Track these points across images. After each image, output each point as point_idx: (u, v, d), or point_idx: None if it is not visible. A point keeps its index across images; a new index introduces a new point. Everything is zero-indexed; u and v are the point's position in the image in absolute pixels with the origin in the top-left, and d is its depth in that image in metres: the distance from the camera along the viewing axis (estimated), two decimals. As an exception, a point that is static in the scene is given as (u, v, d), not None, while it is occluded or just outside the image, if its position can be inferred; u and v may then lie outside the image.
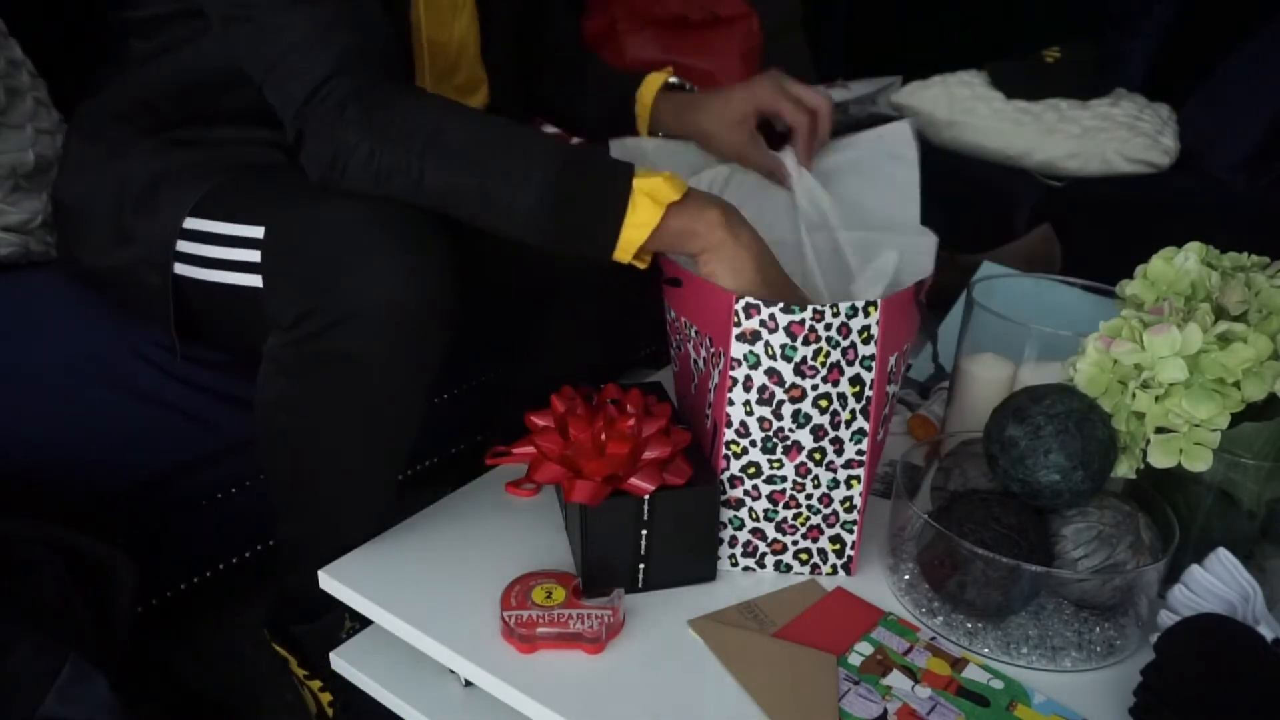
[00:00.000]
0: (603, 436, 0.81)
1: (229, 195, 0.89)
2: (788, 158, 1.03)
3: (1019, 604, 0.77)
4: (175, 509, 1.05)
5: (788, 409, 0.79)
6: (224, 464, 1.06)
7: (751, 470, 0.81)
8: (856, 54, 2.27)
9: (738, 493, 0.82)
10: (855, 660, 0.75)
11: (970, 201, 1.76)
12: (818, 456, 0.81)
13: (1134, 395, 0.78)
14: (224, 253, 0.87)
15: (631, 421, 0.81)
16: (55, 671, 0.77)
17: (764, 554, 0.85)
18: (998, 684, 0.74)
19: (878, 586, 0.84)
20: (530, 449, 0.82)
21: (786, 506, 0.83)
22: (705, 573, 0.84)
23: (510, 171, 0.77)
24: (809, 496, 0.83)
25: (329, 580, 0.83)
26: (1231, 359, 0.75)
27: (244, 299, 0.85)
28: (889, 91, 2.00)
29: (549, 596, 0.78)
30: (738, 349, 0.78)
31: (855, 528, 0.84)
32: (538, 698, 0.71)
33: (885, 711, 0.70)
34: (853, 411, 0.80)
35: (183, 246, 0.89)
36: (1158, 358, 0.77)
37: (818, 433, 0.80)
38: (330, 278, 0.75)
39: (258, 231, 0.83)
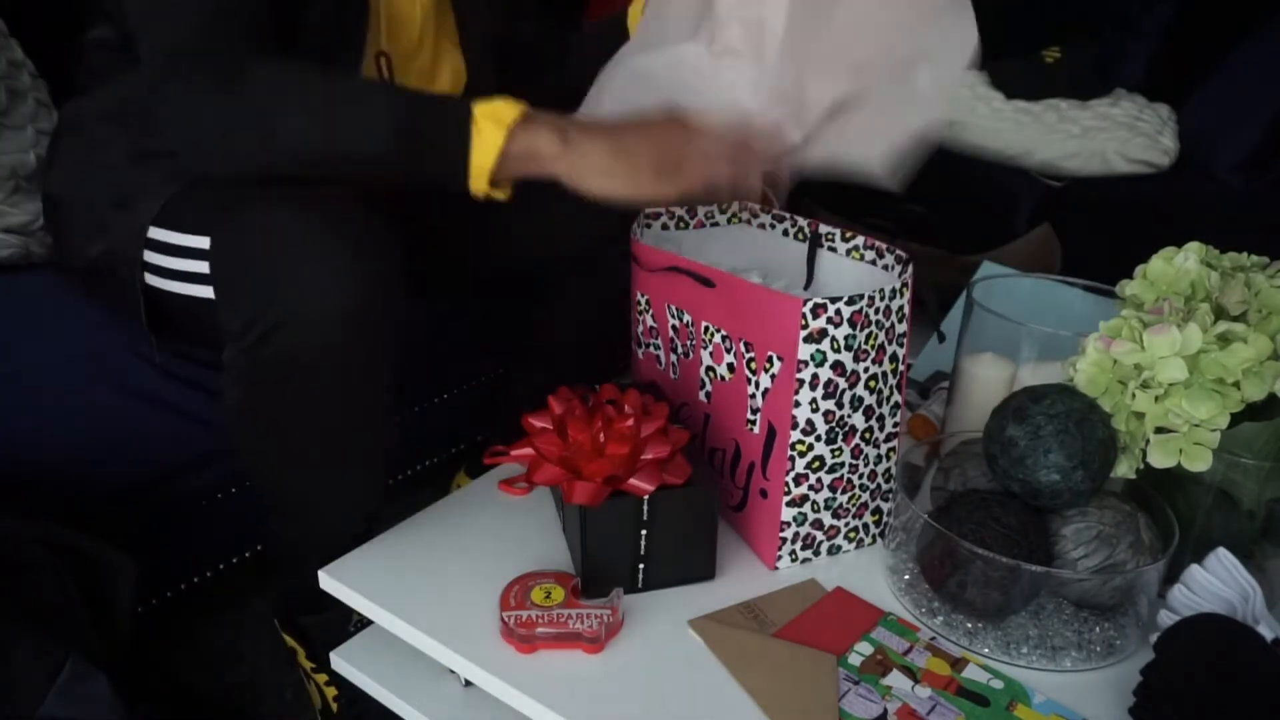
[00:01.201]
0: (601, 437, 0.81)
1: (186, 204, 0.88)
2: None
3: (1019, 604, 0.77)
4: (175, 509, 1.05)
5: (847, 396, 0.81)
6: (224, 464, 1.06)
7: (816, 464, 0.83)
8: (856, 54, 2.27)
9: (802, 489, 0.83)
10: (855, 660, 0.75)
11: (970, 201, 1.76)
12: (868, 435, 0.84)
13: (1134, 395, 0.78)
14: (181, 264, 0.87)
15: (630, 422, 0.81)
16: (55, 671, 0.77)
17: (820, 543, 0.87)
18: (998, 684, 0.74)
19: (878, 586, 0.84)
20: (529, 451, 0.82)
21: (844, 491, 0.85)
22: (705, 571, 0.84)
23: (356, 113, 0.79)
24: (860, 475, 0.85)
25: (329, 580, 0.83)
26: (1231, 359, 0.75)
27: (205, 310, 0.85)
28: (889, 91, 2.00)
29: (548, 596, 0.78)
30: (805, 350, 0.79)
31: (891, 495, 0.87)
32: (537, 698, 0.71)
33: (885, 711, 0.70)
34: (891, 387, 0.84)
35: (150, 257, 0.89)
36: (1158, 358, 0.77)
37: (869, 413, 0.83)
38: (270, 284, 0.75)
39: (204, 242, 0.84)
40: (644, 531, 0.79)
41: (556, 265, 1.07)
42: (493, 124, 0.78)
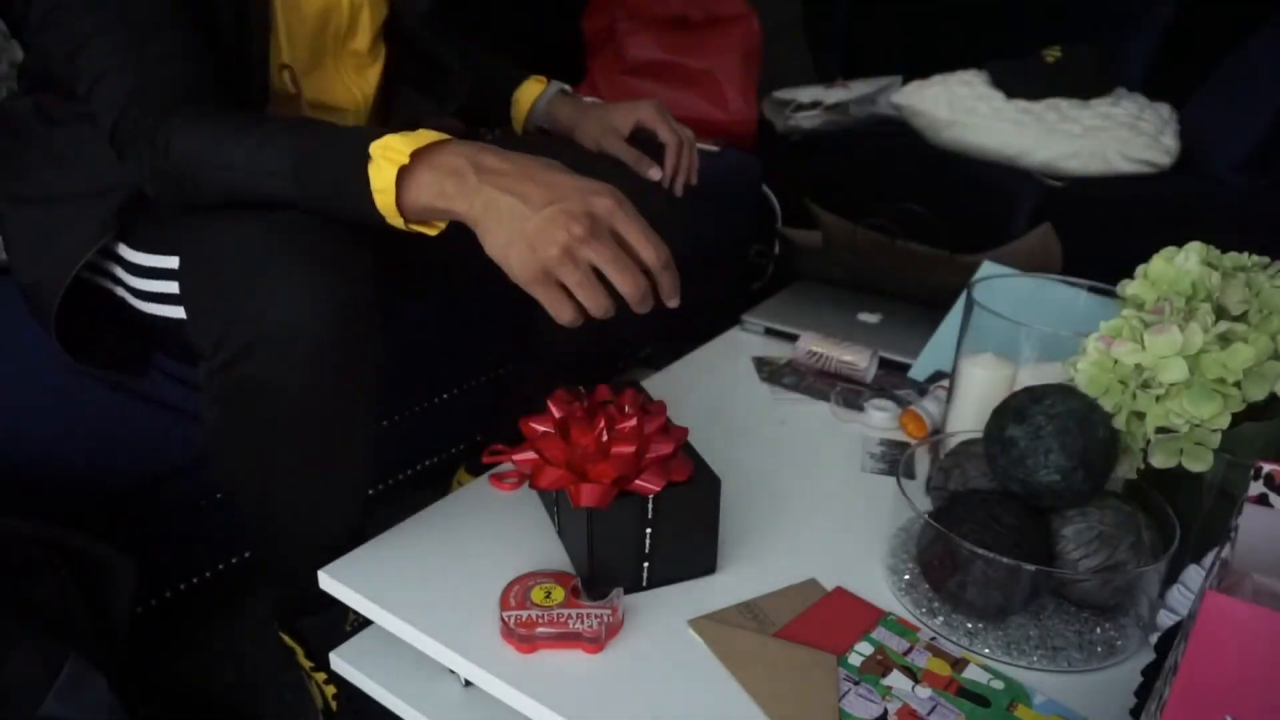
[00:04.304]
0: (605, 438, 0.81)
1: (148, 221, 0.87)
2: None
3: (1019, 604, 0.77)
4: (175, 509, 1.05)
5: None
6: (224, 464, 1.06)
7: None
8: (856, 54, 2.27)
9: None
10: (855, 660, 0.75)
11: (970, 201, 1.76)
12: None
13: (1135, 395, 0.78)
14: (150, 285, 0.87)
15: (633, 422, 0.81)
16: (55, 671, 0.77)
17: None
18: (998, 684, 0.74)
19: (878, 586, 0.84)
20: (531, 455, 0.82)
21: None
22: (707, 565, 0.84)
23: (263, 163, 0.76)
24: None
25: (329, 580, 0.83)
26: (1232, 359, 0.75)
27: (176, 329, 0.84)
28: (889, 91, 2.00)
29: (548, 596, 0.78)
30: None
31: None
32: (537, 698, 0.71)
33: (885, 712, 0.70)
34: None
35: (127, 279, 0.89)
36: (1159, 358, 0.77)
37: None
38: (237, 303, 0.73)
39: (173, 261, 0.83)
40: (649, 530, 0.79)
41: None
42: (386, 162, 0.71)
